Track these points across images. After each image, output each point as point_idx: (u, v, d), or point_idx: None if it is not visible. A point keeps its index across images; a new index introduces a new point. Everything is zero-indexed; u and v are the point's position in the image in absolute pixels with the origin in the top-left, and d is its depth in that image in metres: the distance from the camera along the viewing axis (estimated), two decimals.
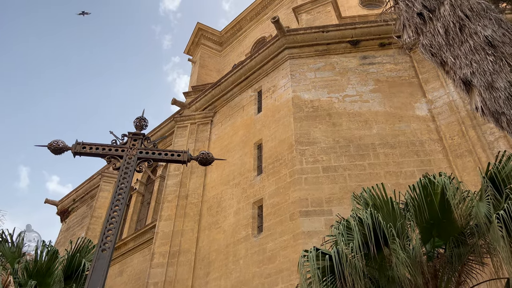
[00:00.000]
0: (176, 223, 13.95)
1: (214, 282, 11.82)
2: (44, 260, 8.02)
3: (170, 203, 14.57)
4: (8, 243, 8.81)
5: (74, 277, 8.10)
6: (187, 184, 14.98)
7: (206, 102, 17.22)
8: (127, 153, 5.06)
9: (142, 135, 5.29)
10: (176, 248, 13.27)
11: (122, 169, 4.94)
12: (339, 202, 10.82)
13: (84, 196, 21.87)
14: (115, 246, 11.83)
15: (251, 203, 12.52)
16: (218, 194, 14.00)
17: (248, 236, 11.85)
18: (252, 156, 13.71)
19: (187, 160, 5.22)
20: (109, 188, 19.76)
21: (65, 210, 22.57)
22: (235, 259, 11.73)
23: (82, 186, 22.27)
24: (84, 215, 20.83)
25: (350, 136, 12.19)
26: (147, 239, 15.50)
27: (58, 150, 5.01)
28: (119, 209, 4.57)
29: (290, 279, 9.95)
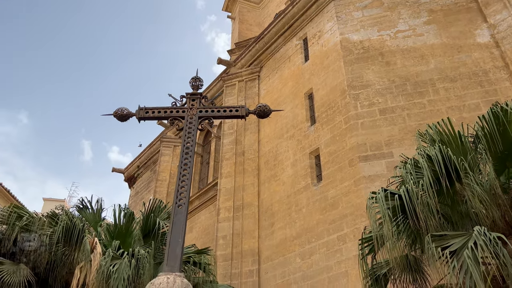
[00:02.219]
0: (237, 179, 14.38)
1: (279, 231, 12.22)
2: (123, 222, 8.65)
3: (228, 161, 14.98)
4: (88, 209, 9.57)
5: (151, 235, 8.69)
6: (242, 141, 15.24)
7: (251, 57, 17.04)
8: (188, 113, 5.18)
9: (200, 95, 5.37)
10: (239, 203, 13.76)
11: (185, 129, 5.09)
12: (400, 144, 10.54)
13: (147, 162, 23.00)
14: None
15: (308, 153, 12.54)
16: (273, 148, 14.14)
17: (308, 186, 11.99)
18: (303, 106, 13.57)
19: (245, 114, 5.26)
20: (169, 152, 20.60)
21: (131, 176, 23.97)
22: (298, 208, 11.98)
23: (143, 153, 23.39)
24: (149, 179, 22.02)
25: (406, 74, 11.63)
26: (210, 197, 16.18)
27: (123, 117, 5.23)
28: (188, 166, 4.76)
29: (354, 223, 10.05)
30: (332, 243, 10.41)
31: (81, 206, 9.51)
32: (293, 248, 11.49)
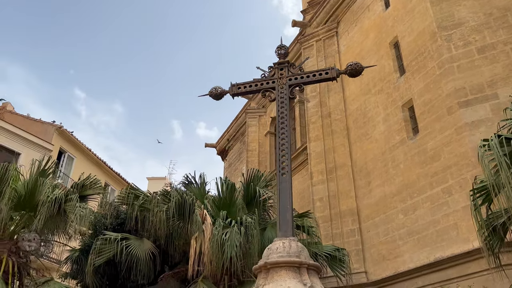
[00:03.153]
0: (326, 141, 14.27)
1: (377, 189, 12.00)
2: (226, 193, 9.18)
3: (315, 124, 14.88)
4: (193, 184, 10.29)
5: (253, 203, 9.13)
6: (327, 102, 14.98)
7: (327, 14, 16.41)
8: (278, 83, 5.23)
9: (287, 63, 5.37)
10: (331, 165, 13.71)
11: (277, 99, 5.15)
12: (505, 83, 9.54)
13: (235, 134, 23.81)
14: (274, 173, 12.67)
15: (400, 106, 11.95)
16: (361, 106, 13.70)
17: (404, 140, 11.49)
18: (389, 57, 12.84)
19: (335, 75, 5.16)
20: (255, 122, 21.06)
21: (223, 150, 25.05)
22: (395, 164, 11.60)
23: (231, 126, 24.21)
24: (240, 150, 22.85)
25: (506, 4, 10.34)
26: (301, 161, 16.32)
27: (218, 96, 5.45)
28: (286, 135, 4.85)
29: (460, 174, 9.47)
30: (437, 196, 9.96)
31: (186, 182, 10.26)
32: (394, 204, 11.23)
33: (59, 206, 9.12)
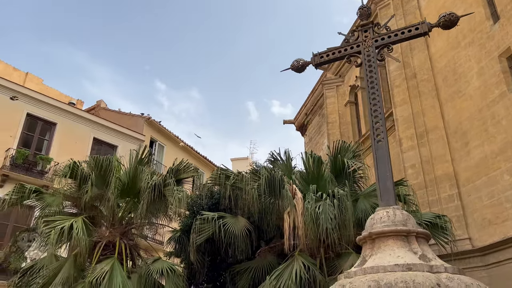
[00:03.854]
0: (413, 104, 13.44)
1: (475, 150, 11.08)
2: (313, 167, 9.11)
3: (399, 88, 14.07)
4: (279, 161, 10.37)
5: (342, 175, 8.96)
6: (410, 63, 14.03)
7: None
8: (364, 46, 4.96)
9: (371, 23, 5.06)
10: (421, 129, 12.91)
11: (364, 63, 4.90)
12: None
13: (313, 108, 23.46)
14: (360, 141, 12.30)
15: (496, 57, 10.79)
16: (450, 61, 12.62)
17: (504, 94, 10.40)
18: (480, 4, 11.58)
19: (427, 30, 4.75)
20: (332, 93, 20.51)
21: (302, 125, 24.88)
22: (495, 121, 10.57)
23: (308, 100, 23.88)
24: (319, 124, 22.50)
25: None
26: (387, 129, 15.59)
27: (300, 68, 5.33)
28: (377, 101, 4.61)
29: None
30: None
31: (272, 159, 10.37)
32: (498, 165, 10.30)
33: (159, 191, 9.79)
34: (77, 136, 19.38)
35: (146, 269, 9.70)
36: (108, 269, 8.96)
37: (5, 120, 17.27)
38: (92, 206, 10.35)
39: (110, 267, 9.06)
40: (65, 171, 10.00)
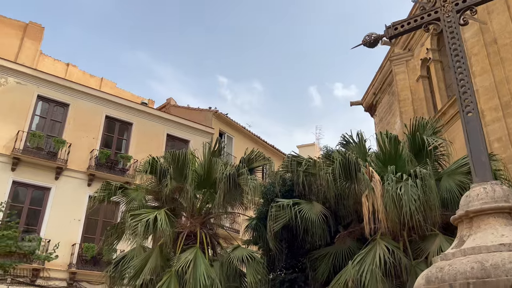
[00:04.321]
0: (495, 72, 12.32)
1: None
2: (390, 147, 8.71)
3: (477, 56, 12.96)
4: (351, 144, 10.07)
5: (423, 153, 8.47)
6: (489, 28, 12.84)
7: None
8: (443, 11, 4.58)
9: None
10: (507, 98, 11.81)
11: (444, 30, 4.53)
12: None
13: (381, 86, 22.49)
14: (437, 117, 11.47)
15: None
16: None
17: None
18: None
19: None
20: (402, 69, 19.47)
21: (371, 105, 23.98)
22: None
23: (375, 79, 22.93)
24: (389, 102, 21.53)
25: None
26: None
27: (373, 43, 5.06)
28: (463, 69, 4.24)
29: None
30: None
31: (344, 142, 10.10)
32: None
33: (233, 180, 10.01)
34: (152, 134, 20.40)
35: (227, 257, 9.99)
36: (192, 258, 9.36)
37: (88, 124, 18.65)
38: (172, 198, 10.84)
39: (194, 256, 9.45)
40: (146, 167, 10.57)
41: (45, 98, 18.12)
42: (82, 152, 18.01)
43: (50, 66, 26.04)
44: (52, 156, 17.07)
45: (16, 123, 16.84)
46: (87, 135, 18.45)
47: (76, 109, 18.59)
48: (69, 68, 28.25)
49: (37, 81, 18.04)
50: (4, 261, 7.63)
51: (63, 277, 15.95)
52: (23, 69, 18.15)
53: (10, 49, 22.98)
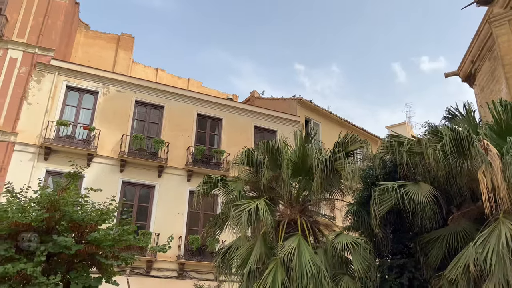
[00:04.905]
0: None
1: None
2: (507, 116, 7.81)
3: None
4: (457, 117, 9.25)
5: None
6: None
7: None
8: None
9: None
10: None
11: None
12: None
13: (480, 53, 20.39)
14: None
15: None
16: None
17: None
18: None
19: None
20: (504, 30, 17.42)
21: (469, 74, 21.90)
22: None
23: (472, 46, 20.85)
24: (491, 69, 19.45)
25: None
26: None
27: None
28: None
29: None
30: None
31: (449, 116, 9.33)
32: None
33: (330, 166, 9.79)
34: (240, 127, 20.90)
35: (330, 244, 9.84)
36: (295, 246, 9.36)
37: (182, 123, 19.69)
38: (270, 188, 10.95)
39: (297, 244, 9.44)
40: (242, 158, 10.79)
41: (142, 103, 19.47)
42: (179, 150, 19.07)
43: (142, 73, 27.95)
44: (154, 156, 18.31)
45: (119, 128, 18.34)
46: (182, 134, 19.47)
47: (170, 110, 19.71)
48: (158, 72, 30.06)
49: (134, 88, 19.46)
50: (126, 254, 8.28)
51: (173, 267, 17.12)
52: (121, 78, 19.69)
53: (108, 61, 25.12)
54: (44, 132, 16.92)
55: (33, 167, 16.30)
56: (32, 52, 18.07)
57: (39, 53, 18.17)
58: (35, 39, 18.34)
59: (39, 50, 18.21)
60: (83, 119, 18.19)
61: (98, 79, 18.90)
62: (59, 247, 7.55)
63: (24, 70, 17.69)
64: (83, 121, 18.10)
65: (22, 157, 16.43)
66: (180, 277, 16.98)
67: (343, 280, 9.57)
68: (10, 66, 17.52)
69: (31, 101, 17.38)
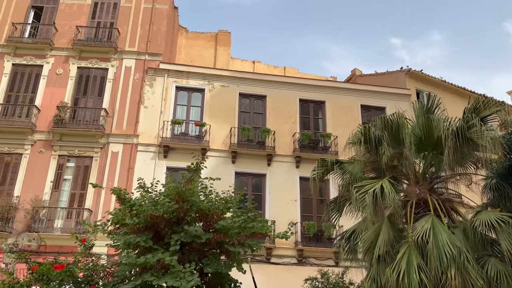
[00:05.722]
0: None
1: None
2: None
3: None
4: None
5: None
6: None
7: None
8: None
9: None
10: None
11: None
12: None
13: None
14: None
15: None
16: None
17: None
18: None
19: None
20: None
21: None
22: None
23: None
24: None
25: None
26: None
27: None
28: None
29: None
30: None
31: None
32: None
33: (462, 136, 8.70)
34: (345, 108, 20.06)
35: (470, 223, 8.78)
36: (429, 227, 8.52)
37: (285, 110, 19.56)
38: (391, 166, 10.15)
39: (431, 224, 8.59)
40: (358, 137, 10.17)
41: (245, 95, 19.78)
42: (285, 138, 18.98)
43: (240, 67, 28.49)
44: (262, 145, 18.48)
45: (227, 121, 18.87)
46: (286, 121, 19.34)
47: (272, 99, 19.71)
48: (255, 64, 30.40)
49: (236, 81, 19.87)
50: (252, 241, 8.28)
51: (292, 254, 17.14)
52: (224, 73, 20.28)
53: (209, 59, 26.10)
54: (161, 132, 18.13)
55: (155, 165, 17.59)
56: (143, 59, 19.49)
57: (149, 59, 19.53)
58: (144, 46, 19.74)
59: (149, 56, 19.57)
60: (193, 116, 19.11)
61: (203, 76, 19.68)
62: (191, 237, 7.78)
63: (138, 76, 19.15)
64: (193, 118, 19.02)
65: (144, 156, 17.83)
66: (300, 263, 16.93)
67: (489, 262, 8.49)
68: (126, 75, 19.11)
69: (147, 104, 18.76)
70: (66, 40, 19.45)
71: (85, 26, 19.85)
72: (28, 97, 18.52)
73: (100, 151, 17.72)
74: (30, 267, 7.51)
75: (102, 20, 20.36)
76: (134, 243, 7.27)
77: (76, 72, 19.00)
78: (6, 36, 19.20)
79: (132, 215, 7.57)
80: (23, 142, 17.50)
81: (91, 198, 16.87)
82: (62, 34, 19.57)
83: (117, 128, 18.19)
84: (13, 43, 19.00)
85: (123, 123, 18.30)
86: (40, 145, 17.56)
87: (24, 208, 16.18)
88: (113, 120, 18.26)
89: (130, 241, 7.21)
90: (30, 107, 18.04)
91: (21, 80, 18.83)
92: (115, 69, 19.16)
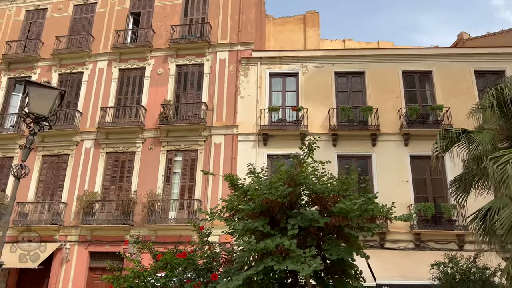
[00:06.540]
0: None
1: None
2: None
3: None
4: None
5: None
6: None
7: None
8: None
9: None
10: None
11: None
12: None
13: None
14: None
15: None
16: None
17: None
18: None
19: None
20: None
21: None
22: None
23: None
24: None
25: None
26: None
27: None
28: None
29: None
30: None
31: None
32: None
33: None
34: (457, 76, 17.99)
35: None
36: None
37: (387, 85, 18.16)
38: None
39: None
40: (488, 101, 8.79)
41: (341, 73, 18.79)
42: (389, 114, 17.64)
43: (330, 47, 27.37)
44: (364, 125, 17.41)
45: (324, 103, 18.11)
46: (389, 96, 17.96)
47: (371, 74, 18.45)
48: (346, 42, 29.00)
49: (331, 60, 18.96)
50: (371, 225, 7.55)
51: (407, 238, 15.91)
52: (317, 53, 19.55)
53: (298, 42, 25.45)
54: (259, 120, 18.05)
55: (256, 153, 17.58)
56: (235, 50, 19.57)
57: (241, 49, 19.55)
58: (235, 37, 19.80)
59: (241, 46, 19.59)
60: (289, 101, 18.69)
61: (296, 59, 19.13)
62: (307, 221, 7.35)
63: (232, 67, 19.29)
64: (289, 103, 18.60)
65: (245, 146, 17.92)
66: (418, 248, 15.65)
67: None
68: (221, 67, 19.37)
69: (243, 94, 18.81)
70: (163, 41, 20.34)
71: (179, 24, 20.54)
72: (135, 98, 19.78)
73: (204, 144, 18.24)
74: (154, 256, 7.72)
75: (194, 16, 20.90)
76: (252, 228, 7.07)
77: (175, 70, 19.78)
78: (111, 44, 20.70)
79: (247, 200, 7.38)
80: (134, 140, 18.75)
81: (199, 189, 17.47)
82: (159, 35, 20.50)
83: (217, 120, 18.55)
84: (117, 50, 20.42)
85: (222, 115, 18.60)
86: (150, 142, 18.65)
87: (141, 202, 17.33)
88: (213, 112, 18.66)
89: (249, 226, 7.02)
90: (138, 107, 19.25)
91: (128, 84, 20.18)
92: (210, 63, 19.54)
